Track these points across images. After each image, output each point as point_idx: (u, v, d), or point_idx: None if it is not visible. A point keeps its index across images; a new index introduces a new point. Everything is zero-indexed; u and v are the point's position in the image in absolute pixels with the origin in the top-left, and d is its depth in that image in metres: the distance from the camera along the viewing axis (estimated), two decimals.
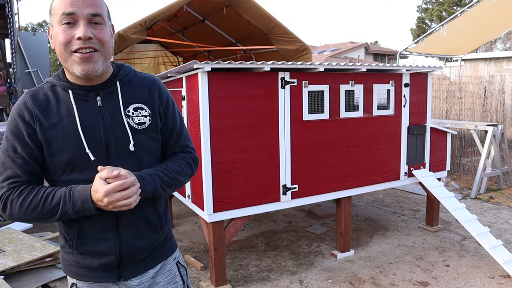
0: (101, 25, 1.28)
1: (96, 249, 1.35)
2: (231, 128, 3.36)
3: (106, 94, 1.36)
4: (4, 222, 5.31)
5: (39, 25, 35.20)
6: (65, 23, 1.23)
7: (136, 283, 1.44)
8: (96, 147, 1.32)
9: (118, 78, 1.39)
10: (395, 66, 4.16)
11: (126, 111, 1.37)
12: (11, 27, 7.80)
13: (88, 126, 1.31)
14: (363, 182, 4.15)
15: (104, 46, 1.28)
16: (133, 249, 1.39)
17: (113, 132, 1.34)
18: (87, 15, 1.24)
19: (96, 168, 1.27)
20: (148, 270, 1.46)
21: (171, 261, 1.54)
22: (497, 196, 6.33)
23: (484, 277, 3.67)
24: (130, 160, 1.36)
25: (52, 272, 3.58)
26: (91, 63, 1.25)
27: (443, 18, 23.69)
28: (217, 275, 3.50)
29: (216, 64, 3.18)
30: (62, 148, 1.29)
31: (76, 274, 1.41)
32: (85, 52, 1.24)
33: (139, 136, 1.37)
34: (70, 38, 1.23)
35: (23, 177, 1.30)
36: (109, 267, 1.39)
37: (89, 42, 1.24)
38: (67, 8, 1.22)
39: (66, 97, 1.32)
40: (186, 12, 6.81)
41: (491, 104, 7.65)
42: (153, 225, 1.44)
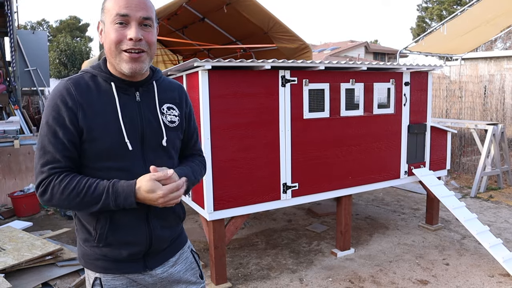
0: (150, 27, 1.36)
1: (127, 238, 1.41)
2: (232, 126, 3.36)
3: (144, 91, 1.45)
4: (4, 221, 5.31)
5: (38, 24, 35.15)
6: (118, 23, 1.31)
7: (160, 272, 1.52)
8: (134, 138, 1.39)
9: (154, 78, 1.48)
10: (395, 65, 4.16)
11: (161, 109, 1.47)
12: (10, 26, 7.78)
13: (128, 118, 1.39)
14: (363, 181, 4.15)
15: (151, 48, 1.37)
16: (160, 238, 1.47)
17: (150, 127, 1.43)
18: (139, 18, 1.32)
19: (131, 157, 1.38)
20: (169, 259, 1.55)
21: (186, 249, 1.65)
22: (496, 195, 6.34)
23: (483, 275, 3.67)
24: (162, 154, 1.46)
25: (52, 271, 3.58)
26: (139, 63, 1.35)
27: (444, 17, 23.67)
28: (217, 273, 3.51)
29: (217, 62, 3.18)
30: (103, 135, 1.34)
31: (101, 268, 1.44)
32: (135, 53, 1.33)
33: (170, 133, 1.48)
34: (122, 38, 1.31)
35: (63, 162, 1.33)
36: (136, 257, 1.45)
37: (138, 43, 1.32)
38: (121, 10, 1.30)
39: (108, 88, 1.39)
40: (186, 10, 6.80)
41: (491, 103, 7.65)
42: (177, 216, 1.56)
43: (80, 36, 32.41)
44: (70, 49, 22.38)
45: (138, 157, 1.40)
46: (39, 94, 10.58)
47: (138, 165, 1.39)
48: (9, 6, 7.54)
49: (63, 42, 22.69)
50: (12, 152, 5.98)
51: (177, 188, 1.32)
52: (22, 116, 7.17)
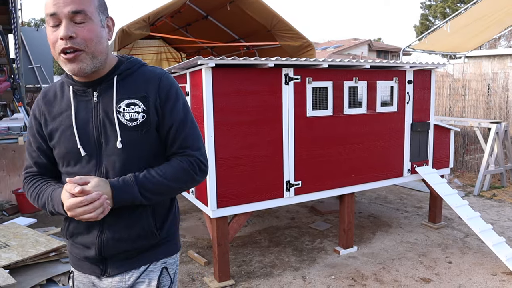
0: (85, 22, 1.23)
1: (81, 241, 1.41)
2: (235, 124, 3.37)
3: (102, 90, 1.35)
4: (8, 217, 5.34)
5: (42, 21, 35.19)
6: (51, 25, 1.23)
7: (116, 280, 1.42)
8: (88, 143, 1.34)
9: (116, 73, 1.36)
10: (398, 63, 4.15)
11: (118, 107, 1.33)
12: (14, 23, 7.80)
13: (82, 122, 1.34)
14: (366, 179, 4.16)
15: (89, 44, 1.24)
16: (113, 249, 1.38)
17: (104, 128, 1.33)
18: (68, 14, 1.20)
19: (87, 162, 1.35)
20: (131, 270, 1.43)
21: (158, 265, 1.46)
22: (500, 194, 6.33)
23: (486, 274, 3.67)
24: (118, 158, 1.33)
25: (56, 267, 3.60)
26: (77, 63, 1.24)
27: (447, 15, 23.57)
28: (220, 271, 3.52)
29: (220, 60, 3.19)
30: (59, 141, 1.37)
31: (72, 263, 1.51)
32: (69, 53, 1.23)
33: (129, 133, 1.33)
34: (55, 39, 1.23)
35: (34, 168, 1.44)
36: (94, 260, 1.41)
37: (71, 41, 1.21)
38: (50, 9, 1.21)
39: (69, 93, 1.38)
40: (189, 8, 6.80)
41: (494, 101, 7.63)
42: (141, 229, 1.39)
43: None
44: None
45: (93, 162, 1.34)
46: None
47: (90, 170, 1.33)
48: (13, 3, 7.56)
49: None
50: (16, 148, 6.01)
51: (83, 203, 1.20)
52: (26, 113, 7.20)
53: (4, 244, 3.75)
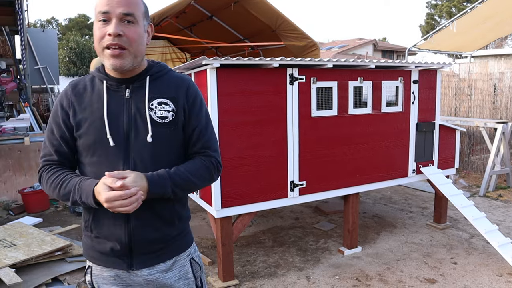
0: (133, 24, 1.36)
1: (108, 233, 1.44)
2: (240, 124, 3.37)
3: (135, 88, 1.45)
4: (14, 217, 5.38)
5: (48, 22, 35.43)
6: (100, 20, 1.34)
7: (145, 273, 1.48)
8: (118, 135, 1.41)
9: (148, 74, 1.47)
10: (404, 63, 4.14)
11: (150, 104, 1.44)
12: (20, 24, 7.85)
13: (113, 114, 1.42)
14: (371, 179, 4.14)
15: (132, 45, 1.36)
16: (142, 239, 1.44)
17: (135, 123, 1.43)
18: (120, 14, 1.33)
19: (115, 153, 1.40)
20: (160, 263, 1.50)
21: (184, 257, 1.57)
22: (506, 194, 6.29)
23: (492, 275, 3.65)
24: (147, 152, 1.42)
25: (62, 266, 3.63)
26: (120, 59, 1.36)
27: (453, 14, 23.44)
28: (224, 271, 3.53)
29: (225, 60, 3.19)
30: (88, 131, 1.42)
31: (92, 257, 1.51)
32: (115, 49, 1.34)
33: (159, 129, 1.43)
34: (103, 35, 1.34)
35: (55, 156, 1.47)
36: (120, 254, 1.45)
37: (118, 39, 1.33)
38: (102, 7, 1.33)
39: (101, 87, 1.45)
40: (194, 8, 6.82)
41: (501, 101, 7.58)
42: (164, 219, 1.48)
43: (89, 34, 32.61)
44: (79, 47, 22.53)
45: (120, 153, 1.41)
46: (49, 91, 10.67)
47: (117, 161, 1.40)
48: (20, 5, 7.61)
49: (72, 40, 22.86)
50: (22, 149, 6.05)
51: (123, 198, 1.26)
52: (32, 113, 7.25)
53: (10, 243, 3.78)
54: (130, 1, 1.35)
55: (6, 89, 7.23)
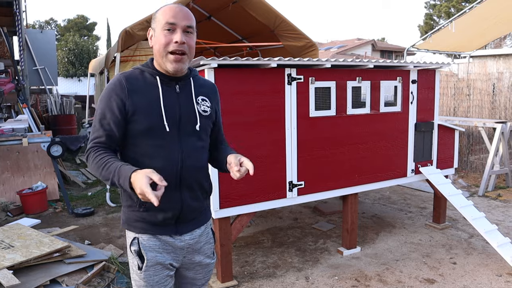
0: (192, 34, 1.66)
1: (163, 205, 1.59)
2: (238, 124, 3.36)
3: (183, 85, 1.74)
4: (13, 218, 5.36)
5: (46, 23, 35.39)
6: (166, 30, 1.61)
7: (188, 238, 1.77)
8: (172, 122, 1.66)
9: (191, 76, 1.78)
10: (402, 63, 4.13)
11: (197, 99, 1.76)
12: (19, 25, 7.85)
13: (168, 105, 1.67)
14: (370, 179, 4.14)
15: (191, 51, 1.66)
16: (189, 207, 1.73)
17: (186, 113, 1.71)
18: (184, 26, 1.62)
19: (168, 137, 1.65)
20: (196, 229, 1.80)
21: (208, 225, 1.90)
22: (505, 194, 6.28)
23: (491, 275, 3.64)
24: (194, 137, 1.72)
25: (60, 268, 3.61)
26: (181, 64, 1.64)
27: (452, 14, 23.46)
28: (223, 271, 3.52)
29: (223, 60, 3.18)
30: (145, 117, 1.63)
31: (140, 228, 1.71)
32: (178, 54, 1.61)
33: (203, 120, 1.75)
34: (169, 41, 1.61)
35: (104, 138, 1.63)
36: (169, 222, 1.71)
37: (182, 46, 1.61)
38: (170, 19, 1.60)
39: (153, 81, 1.68)
40: (192, 8, 6.79)
41: (499, 101, 7.58)
42: (204, 190, 1.80)
43: (87, 35, 32.57)
44: (78, 48, 22.48)
45: (174, 137, 1.66)
46: (47, 92, 10.66)
47: (173, 143, 1.66)
48: (18, 6, 7.60)
49: (71, 41, 22.82)
50: (21, 150, 6.03)
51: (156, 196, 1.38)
52: (30, 114, 7.24)
53: (8, 244, 3.77)
54: (191, 16, 1.65)
55: (4, 90, 7.21)
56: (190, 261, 1.83)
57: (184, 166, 1.68)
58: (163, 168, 1.59)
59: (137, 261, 1.73)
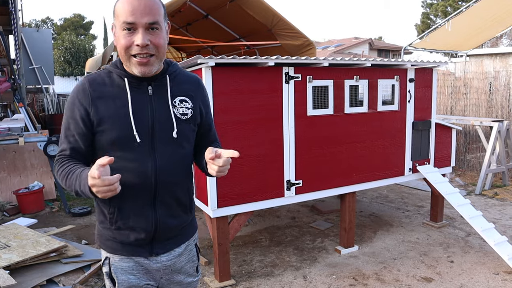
0: (158, 30, 1.39)
1: (135, 224, 1.48)
2: (235, 123, 3.35)
3: (156, 85, 1.49)
4: (9, 218, 5.34)
5: (42, 22, 35.24)
6: (125, 29, 1.36)
7: (165, 259, 1.58)
8: (143, 131, 1.45)
9: (168, 73, 1.52)
10: (400, 61, 4.13)
11: (173, 102, 1.51)
12: (14, 24, 7.81)
13: (138, 111, 1.45)
14: (367, 178, 4.14)
15: (159, 50, 1.41)
16: (166, 226, 1.53)
17: (160, 119, 1.47)
18: (145, 24, 1.36)
19: (139, 148, 1.43)
20: (175, 249, 1.61)
21: (192, 242, 1.69)
22: (502, 193, 6.30)
23: (488, 273, 3.65)
24: (172, 146, 1.49)
25: (57, 267, 3.60)
26: (148, 66, 1.40)
27: (448, 13, 23.51)
28: (221, 270, 3.51)
29: (220, 59, 3.17)
30: (112, 127, 1.43)
31: (111, 248, 1.54)
32: (143, 57, 1.38)
33: (182, 126, 1.51)
34: (130, 44, 1.37)
35: (69, 152, 1.47)
36: (143, 242, 1.52)
37: (146, 48, 1.37)
38: (128, 18, 1.34)
39: (122, 83, 1.46)
40: (189, 7, 6.78)
41: (496, 100, 7.60)
42: (183, 205, 1.58)
43: (84, 34, 32.47)
44: (74, 47, 22.40)
45: (146, 149, 1.45)
46: (44, 91, 10.61)
47: (145, 156, 1.45)
48: (13, 4, 7.56)
49: (67, 40, 22.73)
50: (17, 149, 6.01)
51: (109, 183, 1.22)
52: (26, 113, 7.20)
53: (5, 244, 3.75)
54: (153, 8, 1.37)
55: (0, 89, 7.18)
56: (168, 281, 1.64)
57: (159, 181, 1.47)
58: (134, 184, 1.43)
59: (109, 284, 1.57)
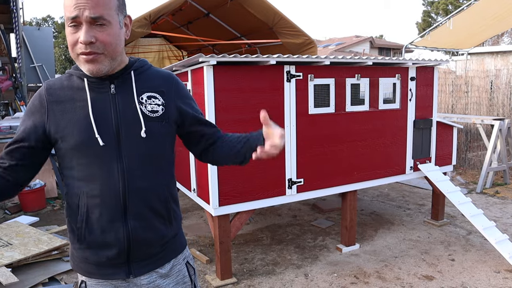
0: (105, 26, 1.24)
1: (104, 239, 1.33)
2: (237, 121, 3.36)
3: (120, 83, 1.36)
4: (11, 216, 5.35)
5: (43, 20, 35.23)
6: (70, 26, 1.23)
7: (145, 282, 1.41)
8: (107, 133, 1.31)
9: (132, 68, 1.39)
10: (401, 60, 4.13)
11: (140, 98, 1.37)
12: (16, 22, 7.81)
13: (100, 112, 1.32)
14: (369, 176, 4.14)
15: (107, 48, 1.25)
16: (140, 241, 1.36)
17: (125, 119, 1.34)
18: (88, 18, 1.21)
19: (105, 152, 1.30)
20: (157, 269, 1.44)
21: (180, 261, 1.51)
22: (503, 191, 6.30)
23: (489, 271, 3.66)
24: (141, 147, 1.35)
25: (58, 265, 3.61)
26: (96, 64, 1.26)
27: (449, 11, 23.47)
28: (222, 269, 3.52)
29: (222, 57, 3.17)
30: (72, 132, 1.30)
31: (85, 271, 1.40)
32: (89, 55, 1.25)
33: (151, 124, 1.36)
34: (75, 41, 1.24)
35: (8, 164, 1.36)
36: (118, 262, 1.36)
37: (91, 46, 1.23)
38: (71, 12, 1.21)
39: (82, 85, 1.34)
40: (190, 5, 6.79)
41: (497, 98, 7.59)
42: (161, 216, 1.41)
43: None
44: None
45: (112, 152, 1.32)
46: None
47: (111, 160, 1.32)
48: (14, 3, 7.57)
49: None
50: None
51: None
52: None
53: (7, 242, 3.76)
54: (99, 0, 1.22)
55: (1, 88, 7.19)
56: None
57: (129, 188, 1.33)
58: (100, 194, 1.30)
59: None
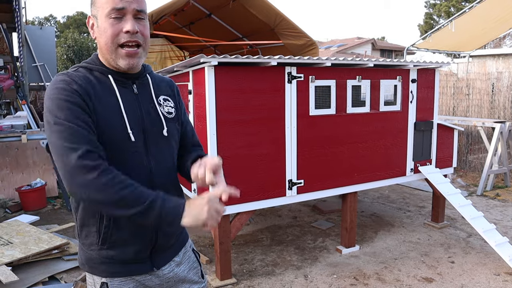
0: (144, 20, 1.34)
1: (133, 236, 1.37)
2: (238, 122, 3.36)
3: (140, 84, 1.43)
4: (11, 215, 5.36)
5: (46, 19, 35.30)
6: (113, 17, 1.28)
7: (166, 271, 1.50)
8: (136, 130, 1.36)
9: (147, 71, 1.47)
10: (402, 62, 4.13)
11: (158, 100, 1.46)
12: (18, 21, 7.82)
13: (129, 109, 1.36)
14: (369, 178, 4.14)
15: (146, 41, 1.35)
16: (165, 233, 1.45)
17: (150, 118, 1.41)
18: (134, 10, 1.29)
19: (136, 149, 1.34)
20: (174, 258, 1.53)
21: (188, 248, 1.62)
22: (503, 194, 6.30)
23: (489, 274, 3.65)
24: (163, 145, 1.44)
25: (58, 264, 3.62)
26: (136, 58, 1.33)
27: (451, 13, 23.47)
28: (222, 269, 3.52)
29: (223, 58, 3.18)
30: (105, 125, 1.29)
31: (107, 272, 1.39)
32: (131, 47, 1.31)
33: (169, 124, 1.46)
34: (118, 32, 1.29)
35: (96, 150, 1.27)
36: (143, 256, 1.42)
37: (135, 36, 1.30)
38: (118, 3, 1.27)
39: (106, 81, 1.35)
40: (192, 6, 6.79)
41: (498, 101, 7.59)
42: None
43: (87, 31, 32.51)
44: (77, 44, 22.48)
45: (141, 148, 1.36)
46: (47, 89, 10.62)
47: (140, 157, 1.36)
48: (17, 2, 7.58)
49: (70, 38, 22.80)
50: (20, 146, 6.03)
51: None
52: (29, 111, 7.23)
53: (7, 241, 3.77)
54: None
55: (3, 87, 7.21)
56: None
57: (155, 183, 1.38)
58: None
59: None
